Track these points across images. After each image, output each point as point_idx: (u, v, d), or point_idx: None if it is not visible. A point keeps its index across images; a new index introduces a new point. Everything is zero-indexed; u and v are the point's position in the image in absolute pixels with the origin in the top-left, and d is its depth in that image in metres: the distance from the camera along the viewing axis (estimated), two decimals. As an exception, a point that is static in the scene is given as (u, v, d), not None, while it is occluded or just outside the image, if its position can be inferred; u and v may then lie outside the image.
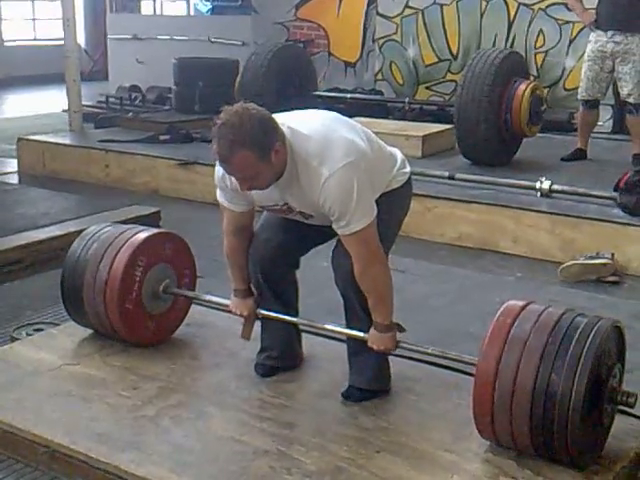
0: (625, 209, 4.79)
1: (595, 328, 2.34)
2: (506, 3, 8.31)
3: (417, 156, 6.13)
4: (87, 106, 8.52)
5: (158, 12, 15.90)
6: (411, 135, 6.37)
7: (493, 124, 5.85)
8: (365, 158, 2.56)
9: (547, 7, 8.07)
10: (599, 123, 6.62)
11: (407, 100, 7.93)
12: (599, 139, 6.77)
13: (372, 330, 2.66)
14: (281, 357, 3.03)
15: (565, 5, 6.85)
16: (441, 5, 8.62)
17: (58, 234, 4.66)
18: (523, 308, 2.44)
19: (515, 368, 2.32)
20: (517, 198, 5.18)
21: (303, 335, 3.11)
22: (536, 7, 8.15)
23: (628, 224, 4.68)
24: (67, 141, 7.20)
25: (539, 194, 5.18)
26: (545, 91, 7.24)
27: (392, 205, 2.71)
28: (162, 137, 7.03)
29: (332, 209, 2.50)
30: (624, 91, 5.95)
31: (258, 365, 3.02)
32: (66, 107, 7.87)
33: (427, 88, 8.86)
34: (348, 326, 2.83)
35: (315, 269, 3.22)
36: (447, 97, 8.50)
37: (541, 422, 2.31)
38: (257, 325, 3.04)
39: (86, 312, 3.16)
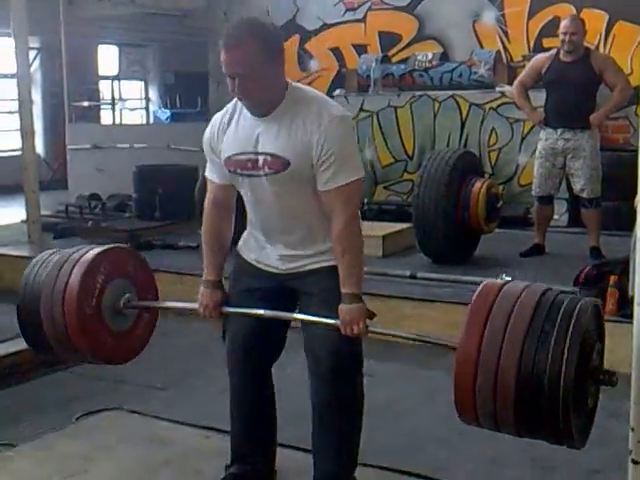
0: (586, 303, 4.82)
1: (578, 306, 2.29)
2: (458, 103, 8.55)
3: (378, 255, 6.17)
4: (46, 216, 8.48)
5: (118, 121, 16.16)
6: (371, 235, 6.40)
7: (451, 222, 5.91)
8: None
9: (498, 107, 8.31)
10: (555, 217, 6.73)
11: (366, 200, 8.03)
12: (556, 233, 6.86)
13: (341, 305, 2.63)
14: (255, 460, 2.88)
15: (515, 104, 7.03)
16: (395, 107, 8.84)
17: (12, 351, 4.40)
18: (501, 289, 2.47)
19: (499, 346, 2.27)
20: (479, 295, 5.18)
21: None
22: (487, 107, 8.39)
23: (589, 318, 4.70)
24: (25, 253, 7.10)
25: (500, 290, 5.19)
26: (500, 188, 7.39)
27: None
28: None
29: (329, 151, 2.56)
30: (577, 187, 6.06)
31: (228, 476, 2.87)
32: (25, 218, 7.84)
33: (385, 188, 8.99)
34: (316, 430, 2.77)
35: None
36: (405, 196, 8.63)
37: (528, 402, 2.22)
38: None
39: (41, 322, 2.96)
